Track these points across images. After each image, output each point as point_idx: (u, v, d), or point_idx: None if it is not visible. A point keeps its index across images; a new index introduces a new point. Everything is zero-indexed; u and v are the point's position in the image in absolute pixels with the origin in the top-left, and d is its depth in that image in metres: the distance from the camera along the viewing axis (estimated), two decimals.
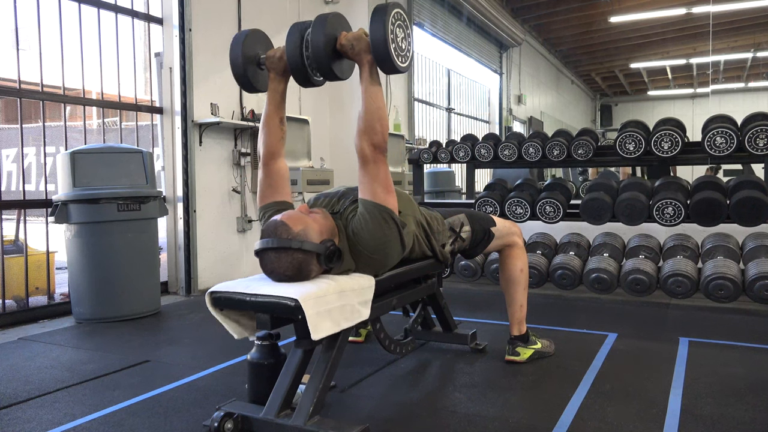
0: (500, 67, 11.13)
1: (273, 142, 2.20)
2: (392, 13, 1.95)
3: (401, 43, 1.99)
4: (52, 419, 2.07)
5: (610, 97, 19.54)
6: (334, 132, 5.94)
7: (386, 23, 1.91)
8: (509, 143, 4.32)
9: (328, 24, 2.01)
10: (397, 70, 1.99)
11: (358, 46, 1.98)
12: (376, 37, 1.92)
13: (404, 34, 2.02)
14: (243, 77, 2.22)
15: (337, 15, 2.08)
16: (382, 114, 1.96)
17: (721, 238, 3.71)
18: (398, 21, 1.98)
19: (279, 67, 2.18)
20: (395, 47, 1.95)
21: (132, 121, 4.42)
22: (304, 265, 1.85)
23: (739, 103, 13.54)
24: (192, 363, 2.66)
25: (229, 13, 4.70)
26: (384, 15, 1.92)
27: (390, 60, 1.93)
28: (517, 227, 2.68)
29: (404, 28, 2.02)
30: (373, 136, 1.94)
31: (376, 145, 1.94)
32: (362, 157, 1.96)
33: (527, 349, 2.60)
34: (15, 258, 3.83)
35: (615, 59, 14.79)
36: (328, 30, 2.00)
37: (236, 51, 2.19)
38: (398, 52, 1.97)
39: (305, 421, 1.79)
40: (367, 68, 1.98)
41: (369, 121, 1.95)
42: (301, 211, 1.94)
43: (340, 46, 2.01)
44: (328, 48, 2.00)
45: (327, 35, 1.99)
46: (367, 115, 1.95)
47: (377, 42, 1.92)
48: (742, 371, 2.47)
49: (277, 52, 2.18)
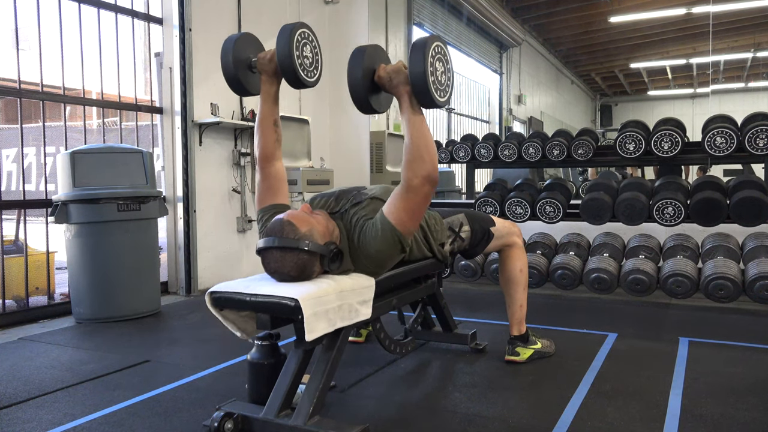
0: (500, 67, 11.13)
1: (268, 144, 2.20)
2: (433, 45, 1.90)
3: (440, 77, 1.95)
4: (52, 419, 2.07)
5: (610, 97, 19.54)
6: (334, 132, 5.94)
7: (426, 56, 1.86)
8: (509, 143, 4.32)
9: (366, 56, 1.97)
10: (436, 104, 1.93)
11: (397, 79, 1.94)
12: (415, 70, 1.87)
13: (444, 67, 1.97)
14: (235, 81, 2.22)
15: (375, 47, 2.04)
16: (428, 143, 1.90)
17: (721, 238, 3.71)
18: (438, 54, 1.93)
19: (270, 69, 2.18)
20: (434, 80, 1.90)
21: (132, 121, 4.42)
22: (308, 265, 1.85)
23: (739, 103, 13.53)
24: (192, 363, 2.66)
25: (229, 13, 4.70)
26: (424, 48, 1.87)
27: (429, 94, 1.88)
28: (516, 227, 2.68)
29: (444, 62, 1.98)
30: (422, 167, 1.87)
31: (426, 177, 1.88)
32: (408, 186, 1.90)
33: (527, 349, 2.60)
34: (15, 258, 3.83)
35: (615, 59, 14.79)
36: (366, 63, 1.96)
37: (227, 55, 2.19)
38: (437, 86, 1.92)
39: (305, 421, 1.79)
40: (407, 99, 1.93)
41: (417, 152, 1.88)
42: (304, 211, 1.94)
43: (378, 78, 1.98)
44: (366, 80, 1.96)
45: (365, 68, 1.96)
46: (414, 146, 1.89)
47: (416, 75, 1.87)
48: (742, 371, 2.47)
49: (267, 54, 2.18)
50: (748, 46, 12.89)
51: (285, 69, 2.12)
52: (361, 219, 2.01)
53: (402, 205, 1.92)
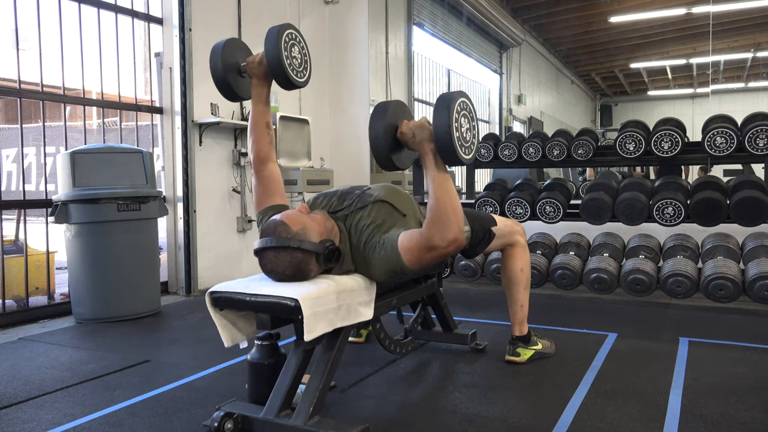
0: (500, 67, 11.13)
1: (262, 147, 2.20)
2: (458, 102, 1.83)
3: (465, 134, 1.87)
4: (52, 419, 2.07)
5: (610, 97, 19.55)
6: (334, 132, 5.94)
7: (451, 112, 1.78)
8: (509, 143, 4.32)
9: (389, 112, 1.92)
10: (461, 162, 1.84)
11: (420, 136, 1.87)
12: (439, 127, 1.79)
13: (469, 124, 1.90)
14: (225, 86, 2.22)
15: (398, 103, 1.99)
16: (455, 203, 1.82)
17: (721, 238, 3.71)
18: (463, 110, 1.86)
19: (260, 72, 2.18)
20: (459, 137, 1.82)
21: (132, 121, 4.42)
22: (303, 264, 1.85)
23: (739, 103, 13.54)
24: (192, 363, 2.66)
25: (229, 13, 4.70)
26: (449, 104, 1.80)
27: (453, 152, 1.80)
28: (519, 226, 2.68)
29: (470, 118, 1.91)
30: (448, 230, 1.79)
31: (452, 241, 1.80)
32: (431, 244, 1.82)
33: (528, 349, 2.60)
34: (15, 258, 3.83)
35: (615, 59, 14.79)
36: (389, 119, 1.91)
37: (216, 61, 2.18)
38: (462, 143, 1.84)
39: (305, 421, 1.79)
40: (431, 157, 1.85)
41: (443, 213, 1.80)
42: (300, 211, 1.94)
43: (400, 134, 1.92)
44: (389, 137, 1.91)
45: (387, 124, 1.90)
46: (440, 207, 1.80)
47: (441, 132, 1.79)
48: (742, 371, 2.47)
49: (256, 57, 2.18)
50: (748, 46, 12.89)
51: (275, 71, 2.12)
52: (367, 227, 1.99)
53: (418, 253, 1.86)
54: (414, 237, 1.87)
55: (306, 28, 5.50)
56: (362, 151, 5.79)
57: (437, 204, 1.81)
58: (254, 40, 5.01)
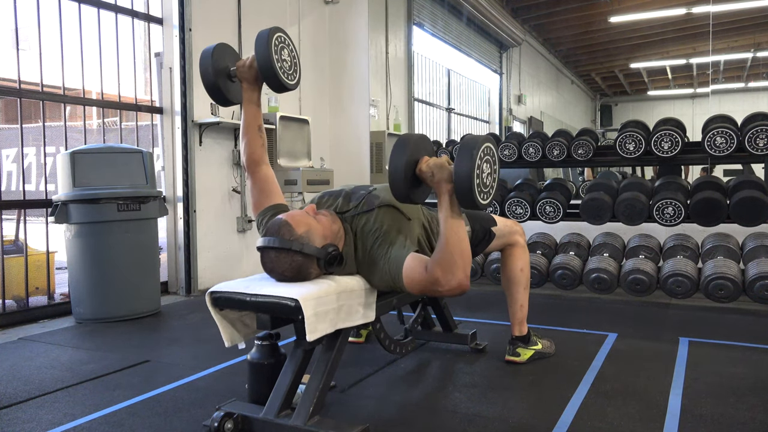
0: (500, 67, 11.13)
1: (255, 150, 2.19)
2: (482, 147, 1.80)
3: (486, 179, 1.84)
4: (52, 419, 2.07)
5: (610, 97, 19.53)
6: (334, 132, 5.94)
7: (474, 158, 1.75)
8: (509, 143, 4.32)
9: (412, 146, 1.88)
10: (477, 206, 1.81)
11: (439, 175, 1.83)
12: (461, 170, 1.76)
13: (491, 169, 1.87)
14: (216, 90, 2.22)
15: (422, 137, 1.96)
16: (464, 249, 1.80)
17: (721, 238, 3.71)
18: (487, 155, 1.83)
19: (250, 76, 2.18)
20: (479, 183, 1.79)
21: (132, 121, 4.42)
22: (303, 267, 1.85)
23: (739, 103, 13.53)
24: (192, 363, 2.66)
25: (229, 13, 4.70)
26: (473, 149, 1.77)
27: (471, 196, 1.77)
28: (519, 226, 2.68)
29: (492, 163, 1.87)
30: (454, 274, 1.77)
31: (457, 286, 1.77)
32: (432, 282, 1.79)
33: (527, 349, 2.60)
34: (15, 258, 3.83)
35: (615, 59, 14.78)
36: (410, 154, 1.87)
37: (206, 66, 2.18)
38: (481, 188, 1.80)
39: (305, 421, 1.79)
40: (447, 198, 1.82)
41: (450, 257, 1.78)
42: (307, 212, 1.92)
43: (419, 171, 1.88)
44: (408, 172, 1.87)
45: (408, 159, 1.86)
46: (448, 251, 1.78)
47: (461, 176, 1.76)
48: (742, 371, 2.47)
49: (246, 61, 2.18)
50: (748, 46, 12.89)
51: (266, 74, 2.11)
52: (373, 233, 1.97)
53: (419, 285, 1.84)
54: (418, 270, 1.84)
55: (306, 28, 5.50)
56: (362, 151, 5.79)
57: (446, 247, 1.79)
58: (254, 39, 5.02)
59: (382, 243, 1.94)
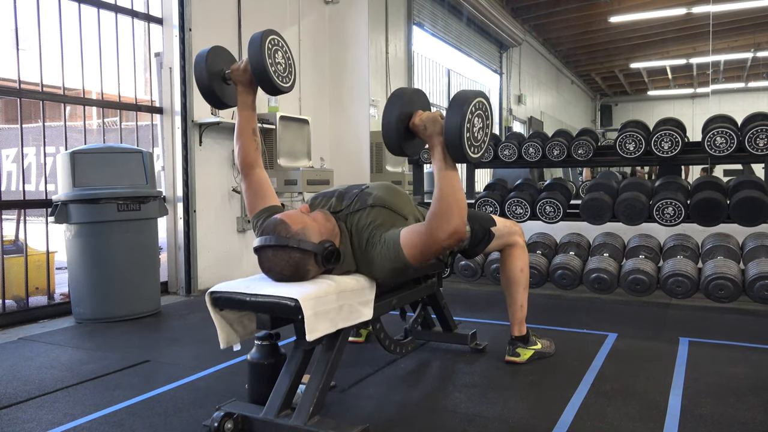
0: (500, 67, 11.13)
1: (249, 153, 2.20)
2: (474, 102, 1.85)
3: (477, 134, 1.89)
4: (52, 419, 2.07)
5: (610, 97, 19.52)
6: (334, 132, 5.94)
7: (464, 112, 1.80)
8: (509, 143, 4.32)
9: (406, 100, 1.93)
10: (468, 160, 1.88)
11: (431, 129, 1.89)
12: (451, 123, 1.82)
13: (483, 123, 1.91)
14: (210, 94, 2.22)
15: (416, 91, 2.00)
16: (459, 198, 1.84)
17: (721, 238, 3.71)
18: (479, 110, 1.88)
19: (245, 79, 2.18)
20: (469, 137, 1.84)
21: (132, 121, 4.42)
22: (301, 264, 1.85)
23: (739, 103, 13.52)
24: (192, 363, 2.66)
25: (229, 13, 4.70)
26: (464, 103, 1.82)
27: (461, 150, 1.82)
28: (518, 227, 2.68)
29: (484, 118, 1.92)
30: (449, 223, 1.81)
31: (453, 234, 1.82)
32: (432, 236, 1.84)
33: (527, 350, 2.60)
34: (15, 258, 3.83)
35: (615, 59, 14.78)
36: (403, 107, 1.92)
37: (200, 70, 2.19)
38: (471, 142, 1.86)
39: (305, 421, 1.79)
40: (440, 150, 1.87)
41: (446, 206, 1.82)
42: (301, 211, 1.94)
43: (413, 124, 1.93)
44: (401, 126, 1.92)
45: (401, 112, 1.92)
46: (443, 200, 1.83)
47: (451, 129, 1.82)
48: (742, 371, 2.47)
49: (240, 64, 2.19)
50: (748, 46, 12.88)
51: (259, 77, 2.12)
52: (367, 227, 1.99)
53: (421, 247, 1.88)
54: (416, 230, 1.89)
55: (306, 28, 5.50)
56: (362, 151, 5.79)
57: (441, 197, 1.83)
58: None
59: (378, 231, 1.97)
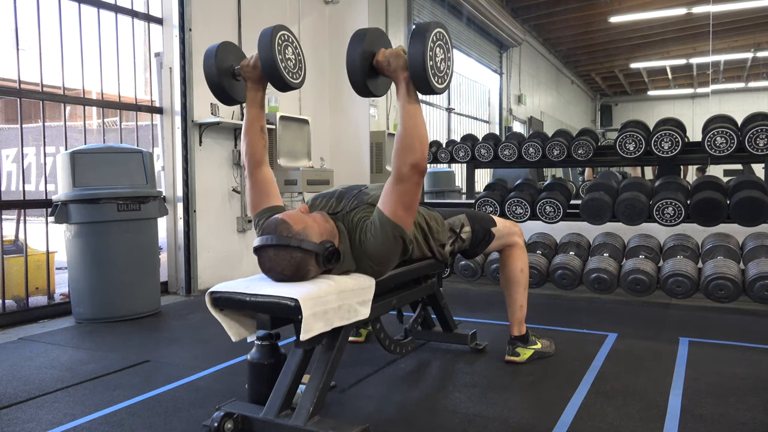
0: (500, 67, 11.13)
1: (256, 150, 2.20)
2: (434, 31, 1.87)
3: (440, 64, 1.92)
4: (52, 419, 2.07)
5: (610, 97, 19.53)
6: (334, 132, 5.94)
7: (426, 42, 1.84)
8: (509, 143, 4.32)
9: (367, 39, 1.95)
10: (433, 90, 1.91)
11: (395, 63, 1.92)
12: (414, 55, 1.85)
13: (444, 55, 1.95)
14: (220, 90, 2.21)
15: (376, 30, 2.02)
16: (421, 132, 1.90)
17: (721, 238, 3.71)
18: (439, 41, 1.91)
19: (254, 76, 2.18)
20: (433, 66, 1.87)
21: (132, 121, 4.42)
22: (302, 264, 1.85)
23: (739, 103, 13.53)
24: (192, 363, 2.66)
25: (229, 13, 4.70)
26: (425, 33, 1.84)
27: (426, 80, 1.86)
28: (517, 227, 2.68)
29: (445, 49, 1.95)
30: (411, 155, 1.88)
31: (414, 165, 1.88)
32: (398, 175, 1.90)
33: (527, 349, 2.60)
34: (15, 258, 3.83)
35: (615, 59, 14.78)
36: (366, 46, 1.95)
37: (210, 65, 2.18)
38: (435, 72, 1.89)
39: (305, 421, 1.79)
40: (404, 86, 1.92)
41: (408, 140, 1.88)
42: (301, 211, 1.95)
43: (376, 62, 1.97)
44: (365, 63, 1.95)
45: (364, 51, 1.94)
46: (406, 134, 1.89)
47: (415, 60, 1.85)
48: (742, 371, 2.47)
49: (250, 60, 2.18)
50: (748, 46, 12.88)
51: (270, 73, 2.11)
52: (361, 220, 2.01)
53: (395, 197, 1.92)
54: (386, 191, 1.94)
55: (306, 28, 5.50)
56: (362, 151, 5.79)
57: (405, 132, 1.89)
58: (254, 39, 5.00)
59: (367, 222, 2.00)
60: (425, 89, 1.91)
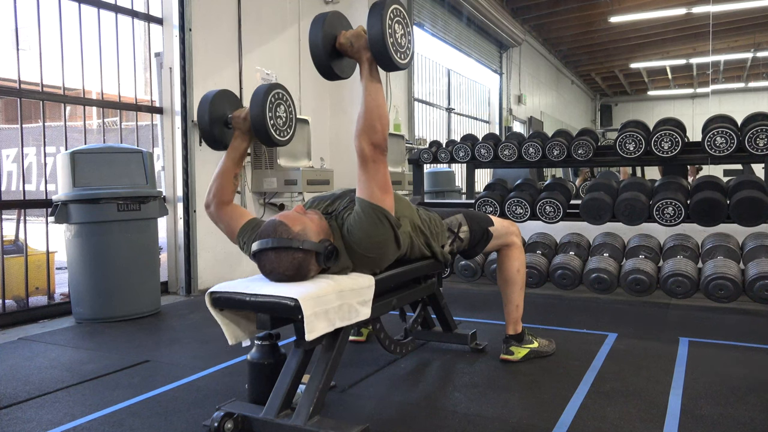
0: (500, 67, 11.13)
1: (226, 194, 2.25)
2: (390, 8, 1.91)
3: (400, 40, 1.96)
4: (52, 419, 2.07)
5: (610, 97, 19.55)
6: (334, 132, 5.94)
7: (384, 19, 1.87)
8: (509, 143, 4.32)
9: (327, 23, 2.00)
10: (396, 66, 1.95)
11: (357, 44, 1.96)
12: (373, 33, 1.88)
13: (404, 30, 1.98)
14: (210, 135, 2.28)
15: (336, 14, 2.07)
16: (382, 112, 1.92)
17: (721, 238, 3.71)
18: (397, 17, 1.94)
19: (244, 127, 2.24)
20: (393, 43, 1.91)
21: (132, 121, 4.42)
22: (303, 264, 1.85)
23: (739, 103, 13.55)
24: (192, 363, 2.66)
25: (229, 13, 4.70)
26: (382, 10, 1.88)
27: (388, 56, 1.90)
28: (515, 227, 2.68)
29: (404, 25, 1.99)
30: (372, 135, 1.90)
31: (375, 144, 1.90)
32: (361, 156, 1.92)
33: (522, 348, 2.60)
34: (15, 258, 3.83)
35: (615, 59, 14.80)
36: (326, 29, 1.99)
37: (203, 112, 2.24)
38: (397, 48, 1.93)
39: (305, 421, 1.79)
40: (367, 66, 1.95)
41: (369, 120, 1.91)
42: (297, 211, 1.95)
43: (339, 44, 2.00)
44: (327, 47, 1.99)
45: (326, 34, 1.98)
46: (367, 114, 1.91)
47: (375, 38, 1.88)
48: (742, 371, 2.47)
49: (242, 112, 2.24)
50: (748, 46, 12.89)
51: (257, 128, 2.17)
52: (346, 213, 2.03)
53: (366, 179, 1.93)
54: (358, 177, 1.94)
55: (306, 28, 5.47)
56: None
57: (366, 112, 1.91)
58: (254, 39, 5.00)
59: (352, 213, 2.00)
60: (389, 66, 1.94)
